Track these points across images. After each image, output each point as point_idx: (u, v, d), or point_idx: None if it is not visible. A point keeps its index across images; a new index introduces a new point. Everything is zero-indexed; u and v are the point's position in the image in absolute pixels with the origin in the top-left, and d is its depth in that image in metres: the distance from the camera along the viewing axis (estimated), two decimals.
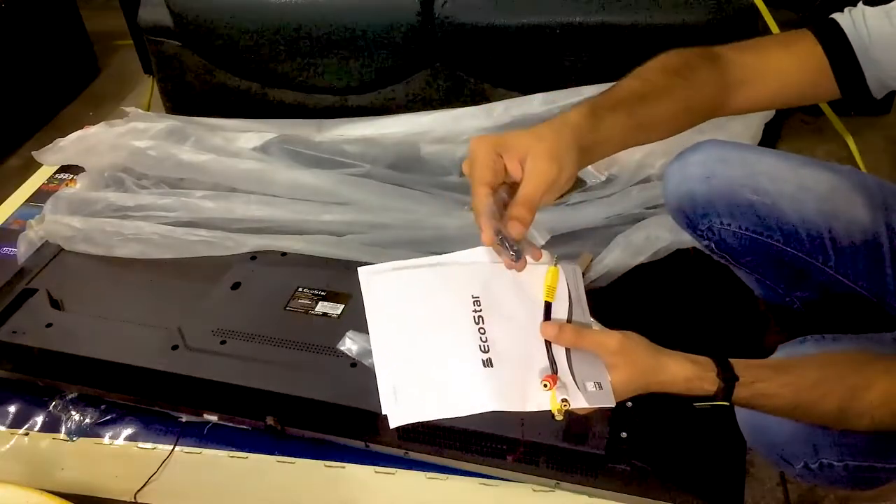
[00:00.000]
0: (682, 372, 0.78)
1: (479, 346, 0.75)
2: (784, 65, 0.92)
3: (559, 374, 0.75)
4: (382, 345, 0.77)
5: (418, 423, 0.74)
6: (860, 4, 0.91)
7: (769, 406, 0.82)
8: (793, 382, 0.80)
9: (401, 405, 0.73)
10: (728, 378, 0.78)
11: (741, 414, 0.92)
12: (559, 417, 0.74)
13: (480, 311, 0.77)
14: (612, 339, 0.77)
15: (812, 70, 0.91)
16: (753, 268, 1.10)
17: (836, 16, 0.91)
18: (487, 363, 0.75)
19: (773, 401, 0.81)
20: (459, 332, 0.76)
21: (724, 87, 0.91)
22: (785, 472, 0.92)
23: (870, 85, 0.91)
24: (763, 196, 1.01)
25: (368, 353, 1.11)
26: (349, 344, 1.16)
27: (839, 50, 0.90)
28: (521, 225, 0.75)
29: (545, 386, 0.73)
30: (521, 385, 0.75)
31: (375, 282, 0.80)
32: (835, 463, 0.87)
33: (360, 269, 0.80)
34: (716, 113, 0.94)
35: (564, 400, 0.73)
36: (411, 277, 0.81)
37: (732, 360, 0.79)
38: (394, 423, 0.73)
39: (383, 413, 0.73)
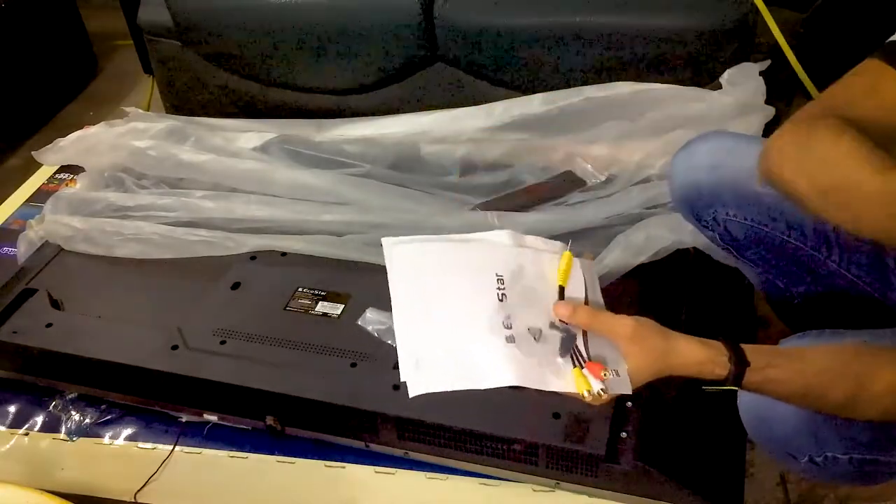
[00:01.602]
0: (694, 356, 0.79)
1: (503, 323, 0.76)
2: (884, 114, 0.82)
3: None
4: (405, 314, 0.76)
5: (420, 419, 0.73)
6: None
7: (779, 392, 0.82)
8: (803, 370, 0.81)
9: (421, 374, 0.73)
10: (739, 363, 0.79)
11: (745, 409, 0.92)
12: (588, 399, 0.74)
13: (504, 289, 0.78)
14: (626, 325, 0.78)
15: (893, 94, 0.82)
16: (756, 260, 1.10)
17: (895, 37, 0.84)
18: (510, 339, 0.75)
19: (783, 387, 0.81)
20: (483, 307, 0.76)
21: None
22: (790, 467, 0.92)
23: None
24: (769, 187, 1.01)
25: (389, 331, 1.09)
26: (370, 317, 1.15)
27: None
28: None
29: (575, 365, 0.74)
30: (541, 365, 0.75)
31: (399, 252, 0.80)
32: (839, 456, 0.87)
33: (383, 239, 0.79)
34: None
35: (603, 390, 0.73)
36: (436, 250, 0.81)
37: (743, 346, 0.80)
38: (413, 391, 0.73)
39: (402, 380, 0.72)
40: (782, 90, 1.13)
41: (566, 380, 0.75)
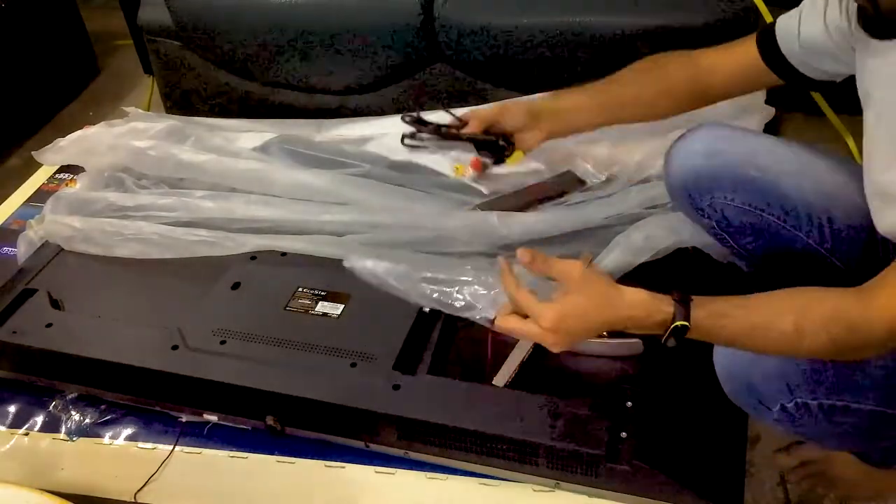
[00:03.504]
0: (640, 298, 0.86)
1: None
2: (736, 59, 1.10)
3: None
4: None
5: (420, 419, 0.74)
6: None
7: (727, 329, 0.85)
8: (746, 304, 0.85)
9: None
10: (683, 299, 0.84)
11: (719, 363, 0.95)
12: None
13: None
14: (576, 268, 0.87)
15: (753, 65, 1.07)
16: (752, 248, 1.11)
17: (783, 15, 1.05)
18: None
19: (730, 322, 0.84)
20: None
21: (697, 73, 1.10)
22: (764, 419, 0.94)
23: (807, 73, 1.03)
24: (766, 173, 1.05)
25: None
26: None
27: (770, 47, 1.05)
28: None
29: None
30: None
31: None
32: (809, 401, 0.88)
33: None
34: (702, 95, 1.12)
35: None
36: None
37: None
38: None
39: None
40: (782, 90, 1.15)
41: None
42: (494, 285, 1.16)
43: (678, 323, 0.83)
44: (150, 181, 1.57)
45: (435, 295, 1.11)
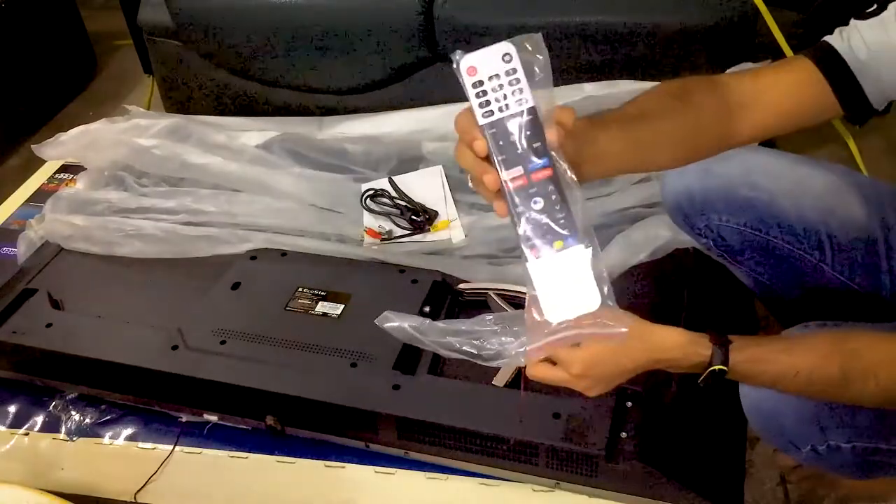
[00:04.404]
0: (675, 340, 0.82)
1: None
2: (782, 87, 0.88)
3: None
4: None
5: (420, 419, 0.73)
6: (853, 21, 0.88)
7: (768, 373, 0.82)
8: (789, 348, 0.81)
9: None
10: (722, 343, 0.80)
11: (747, 400, 0.92)
12: None
13: None
14: (580, 355, 0.81)
15: (811, 90, 0.87)
16: (752, 266, 1.10)
17: (828, 38, 0.88)
18: None
19: (771, 367, 0.81)
20: None
21: (726, 111, 0.86)
22: (793, 457, 0.92)
23: (870, 98, 0.87)
24: (761, 192, 1.03)
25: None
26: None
27: (835, 69, 0.86)
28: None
29: None
30: None
31: None
32: (842, 444, 0.86)
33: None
34: (726, 139, 0.89)
35: None
36: None
37: (729, 335, 0.82)
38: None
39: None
40: None
41: None
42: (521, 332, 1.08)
43: (716, 367, 0.80)
44: (150, 180, 1.56)
45: (465, 347, 1.02)
